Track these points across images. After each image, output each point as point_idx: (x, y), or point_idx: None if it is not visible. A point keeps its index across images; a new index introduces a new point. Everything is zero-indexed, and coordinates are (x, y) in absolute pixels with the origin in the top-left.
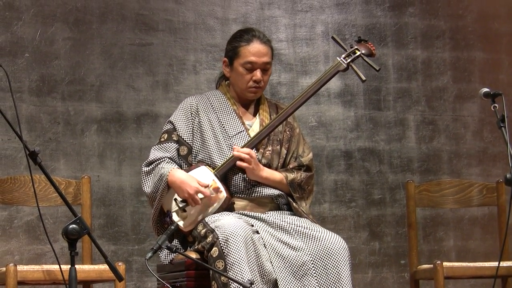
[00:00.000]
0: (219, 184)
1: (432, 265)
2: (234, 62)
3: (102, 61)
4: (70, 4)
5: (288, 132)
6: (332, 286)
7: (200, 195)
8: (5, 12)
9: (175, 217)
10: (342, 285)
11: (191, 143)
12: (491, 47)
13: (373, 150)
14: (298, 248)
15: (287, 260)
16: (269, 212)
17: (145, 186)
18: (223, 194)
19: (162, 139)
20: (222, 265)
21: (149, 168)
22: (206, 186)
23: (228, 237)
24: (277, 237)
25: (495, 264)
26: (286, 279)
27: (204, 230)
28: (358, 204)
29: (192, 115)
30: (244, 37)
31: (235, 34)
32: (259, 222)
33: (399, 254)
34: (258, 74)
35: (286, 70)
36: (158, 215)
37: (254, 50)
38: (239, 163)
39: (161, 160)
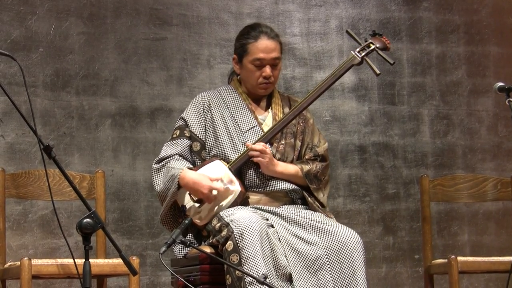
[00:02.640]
0: (232, 177)
1: (446, 260)
2: (243, 59)
3: (116, 56)
4: None
5: (301, 124)
6: (347, 281)
7: (214, 192)
8: (19, 6)
9: (189, 212)
10: (356, 279)
11: (204, 139)
12: (506, 42)
13: (387, 144)
14: (312, 242)
15: (301, 254)
16: (283, 206)
17: (155, 184)
18: (236, 188)
19: (174, 136)
20: (237, 259)
21: (159, 165)
22: (219, 180)
23: (243, 231)
24: (291, 231)
25: (510, 258)
26: (300, 273)
27: (219, 224)
28: (372, 199)
29: (205, 111)
30: (252, 34)
31: (242, 31)
32: (274, 216)
33: (413, 248)
34: (267, 70)
35: (300, 64)
36: (168, 209)
37: (262, 46)
38: (255, 158)
39: (171, 157)
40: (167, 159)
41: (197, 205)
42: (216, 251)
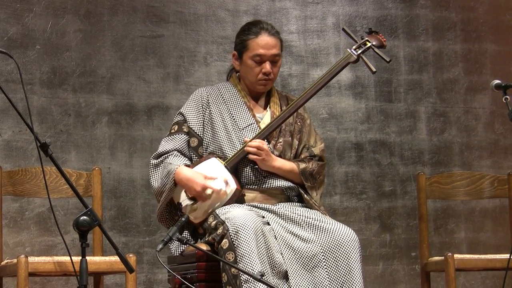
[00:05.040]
0: (227, 176)
1: (443, 257)
2: (243, 55)
3: (113, 53)
4: None
5: (299, 123)
6: (343, 278)
7: (208, 191)
8: (16, 4)
9: (185, 209)
10: (352, 277)
11: (201, 135)
12: (502, 39)
13: (384, 142)
14: (308, 240)
15: (297, 251)
16: (279, 204)
17: (152, 180)
18: (232, 186)
19: (173, 131)
20: (233, 257)
21: (157, 161)
22: (214, 179)
23: (239, 229)
24: (287, 228)
25: (507, 256)
26: (296, 271)
27: (214, 222)
28: (369, 196)
29: (203, 106)
30: (252, 30)
31: (243, 27)
32: (270, 213)
33: (410, 246)
34: (267, 66)
35: (297, 62)
36: (165, 207)
37: (262, 42)
38: (250, 156)
39: (169, 153)
40: (166, 155)
41: (191, 202)
42: (213, 249)
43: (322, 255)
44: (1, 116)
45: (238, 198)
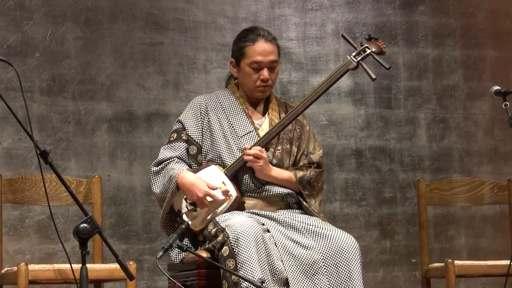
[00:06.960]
0: (229, 187)
1: (443, 264)
2: (240, 63)
3: (113, 61)
4: (80, 4)
5: (298, 130)
6: (343, 285)
7: (209, 198)
8: (16, 12)
9: (185, 217)
10: (353, 283)
11: (200, 143)
12: (502, 45)
13: (383, 148)
14: (309, 246)
15: (298, 258)
16: (279, 211)
17: (154, 186)
18: (233, 190)
19: (172, 139)
20: (233, 264)
21: (158, 168)
22: (216, 189)
23: (239, 236)
24: (288, 235)
25: (507, 262)
26: (297, 278)
27: (214, 229)
28: (369, 203)
29: (202, 114)
30: (249, 37)
31: (240, 34)
32: (270, 221)
33: (410, 252)
34: (265, 73)
35: (296, 69)
36: (167, 215)
37: (259, 49)
38: (248, 163)
39: (170, 160)
40: (166, 162)
41: (190, 207)
42: (213, 256)
43: (323, 262)
44: (1, 124)
45: (238, 206)
